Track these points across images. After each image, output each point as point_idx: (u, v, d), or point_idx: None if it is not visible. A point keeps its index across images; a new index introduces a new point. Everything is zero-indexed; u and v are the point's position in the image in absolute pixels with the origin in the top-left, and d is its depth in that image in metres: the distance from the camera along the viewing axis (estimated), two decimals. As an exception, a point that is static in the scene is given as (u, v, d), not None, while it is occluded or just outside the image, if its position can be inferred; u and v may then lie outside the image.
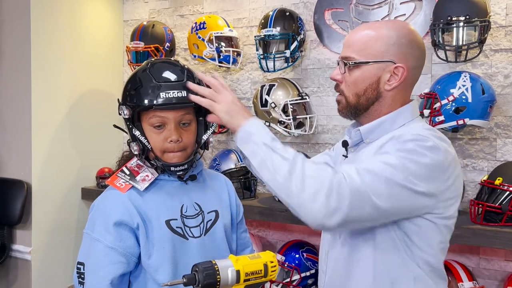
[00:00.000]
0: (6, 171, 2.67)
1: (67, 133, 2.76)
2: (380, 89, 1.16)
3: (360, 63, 1.16)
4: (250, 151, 1.09)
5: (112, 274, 1.14)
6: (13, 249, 2.63)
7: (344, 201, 1.00)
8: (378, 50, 1.15)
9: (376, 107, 1.18)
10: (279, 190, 1.05)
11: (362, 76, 1.16)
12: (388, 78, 1.15)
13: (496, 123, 2.11)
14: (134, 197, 1.19)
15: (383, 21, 1.25)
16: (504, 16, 2.09)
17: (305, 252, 2.32)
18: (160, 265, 1.17)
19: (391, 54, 1.14)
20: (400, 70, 1.14)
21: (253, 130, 1.10)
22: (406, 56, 1.15)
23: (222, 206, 1.33)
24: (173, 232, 1.20)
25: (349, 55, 1.17)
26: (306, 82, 2.52)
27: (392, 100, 1.18)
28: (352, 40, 1.19)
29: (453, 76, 2.00)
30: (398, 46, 1.14)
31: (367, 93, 1.17)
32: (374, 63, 1.15)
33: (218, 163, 2.43)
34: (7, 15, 2.62)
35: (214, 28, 2.49)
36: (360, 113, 1.20)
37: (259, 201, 2.35)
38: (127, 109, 1.18)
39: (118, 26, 3.09)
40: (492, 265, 2.14)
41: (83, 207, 2.85)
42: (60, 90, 2.71)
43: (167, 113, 1.16)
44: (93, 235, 1.18)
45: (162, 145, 1.18)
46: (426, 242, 1.11)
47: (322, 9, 2.47)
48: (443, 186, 1.08)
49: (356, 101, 1.18)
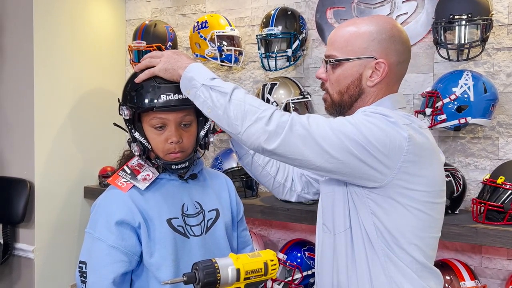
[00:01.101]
0: (9, 170, 2.68)
1: (69, 132, 2.76)
2: (363, 85, 1.17)
3: (341, 60, 1.16)
4: (192, 96, 1.12)
5: (114, 273, 1.14)
6: (16, 247, 2.64)
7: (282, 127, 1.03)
8: (359, 46, 1.15)
9: (359, 104, 1.19)
10: (222, 123, 1.08)
11: (344, 74, 1.17)
12: (370, 74, 1.16)
13: (498, 122, 2.10)
14: (136, 196, 1.20)
15: (365, 17, 1.23)
16: (507, 14, 2.08)
17: (307, 251, 2.32)
18: (162, 263, 1.18)
19: (372, 50, 1.15)
20: (381, 65, 1.14)
21: (191, 74, 1.11)
22: (388, 52, 1.15)
23: (222, 204, 1.34)
24: (174, 231, 1.21)
25: (331, 53, 1.18)
26: (308, 81, 2.52)
27: (375, 96, 1.18)
28: (334, 38, 1.20)
29: (455, 74, 1.99)
30: (378, 41, 1.15)
31: (349, 90, 1.18)
32: (356, 59, 1.15)
33: (220, 162, 2.43)
34: (9, 15, 2.63)
35: (216, 27, 2.50)
36: (344, 111, 1.21)
37: (261, 200, 2.36)
38: (127, 109, 1.19)
39: (120, 25, 3.09)
40: (494, 264, 2.14)
41: (85, 206, 2.86)
42: (63, 90, 2.72)
43: (167, 115, 1.18)
44: (95, 234, 1.18)
45: (163, 146, 1.19)
46: (396, 226, 1.10)
47: (324, 8, 2.47)
48: (401, 156, 1.06)
49: (339, 99, 1.20)
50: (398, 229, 1.11)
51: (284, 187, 1.46)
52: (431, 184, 1.12)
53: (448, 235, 1.84)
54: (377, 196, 1.10)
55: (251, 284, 0.95)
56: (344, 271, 1.18)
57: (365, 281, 1.14)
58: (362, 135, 1.04)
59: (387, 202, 1.10)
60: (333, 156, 1.04)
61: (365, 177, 1.08)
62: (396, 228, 1.10)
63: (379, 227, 1.11)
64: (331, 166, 1.06)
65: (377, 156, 1.05)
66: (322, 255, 1.26)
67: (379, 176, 1.07)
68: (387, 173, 1.07)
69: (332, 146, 1.03)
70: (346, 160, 1.04)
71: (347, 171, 1.07)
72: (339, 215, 1.19)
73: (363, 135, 1.04)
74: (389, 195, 1.09)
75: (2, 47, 2.66)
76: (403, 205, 1.10)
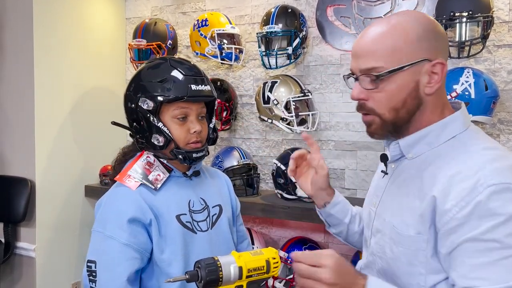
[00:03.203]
0: (10, 169, 2.68)
1: (70, 131, 2.77)
2: (421, 95, 0.98)
3: (394, 71, 0.95)
4: None
5: (128, 270, 1.15)
6: (17, 246, 2.64)
7: None
8: (408, 50, 0.96)
9: (417, 117, 0.99)
10: None
11: (397, 87, 0.96)
12: (428, 80, 0.97)
13: (500, 119, 2.10)
14: (145, 193, 1.21)
15: (394, 15, 1.02)
16: (508, 11, 2.08)
17: (308, 248, 2.33)
18: (174, 259, 1.20)
19: (423, 51, 0.96)
20: (438, 67, 0.96)
21: None
22: (438, 49, 0.98)
23: (224, 200, 1.38)
24: (183, 227, 1.23)
25: (374, 65, 0.97)
26: (308, 79, 2.52)
27: (433, 105, 0.99)
28: (369, 46, 0.98)
29: (456, 72, 1.99)
30: (427, 40, 0.96)
31: (407, 104, 0.98)
32: (409, 66, 0.95)
33: (220, 160, 2.43)
34: (9, 13, 2.63)
35: (216, 25, 2.49)
36: (401, 130, 1.01)
37: (261, 198, 2.36)
38: (151, 100, 1.19)
39: (120, 23, 3.09)
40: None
41: (86, 204, 2.86)
42: (63, 88, 2.72)
43: (191, 105, 1.21)
44: (106, 232, 1.17)
45: (185, 136, 1.22)
46: None
47: (324, 5, 2.46)
48: None
49: (394, 117, 0.99)
50: None
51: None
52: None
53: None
54: None
55: (253, 282, 0.94)
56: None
57: None
58: None
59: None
60: None
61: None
62: None
63: None
64: None
65: None
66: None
67: None
68: None
69: None
70: None
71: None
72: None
73: None
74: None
75: (2, 45, 2.66)
76: None
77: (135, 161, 1.25)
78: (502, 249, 0.83)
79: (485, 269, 0.83)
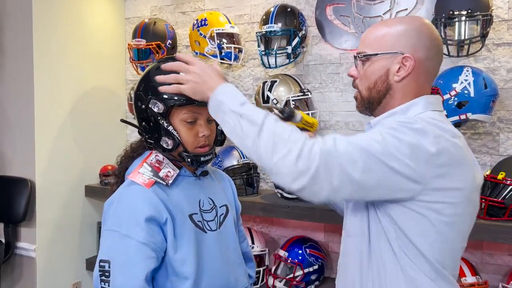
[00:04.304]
0: (10, 169, 2.68)
1: (70, 131, 2.77)
2: (390, 80, 1.17)
3: (370, 55, 1.18)
4: (220, 120, 1.11)
5: (146, 270, 1.13)
6: (17, 246, 2.64)
7: (312, 163, 0.99)
8: (387, 42, 1.17)
9: (388, 100, 1.19)
10: (250, 154, 1.07)
11: (372, 69, 1.19)
12: (397, 69, 1.16)
13: (499, 118, 2.10)
14: (159, 192, 1.21)
15: (397, 18, 1.27)
16: (507, 10, 2.08)
17: (308, 248, 2.33)
18: (187, 257, 1.19)
19: (399, 46, 1.15)
20: (408, 60, 1.14)
21: (221, 98, 1.11)
22: (416, 47, 1.15)
23: (229, 200, 1.40)
24: (196, 226, 1.23)
25: (361, 50, 1.21)
26: (308, 78, 2.52)
27: (403, 92, 1.17)
28: (365, 37, 1.23)
29: (455, 70, 1.99)
30: (406, 37, 1.15)
31: (377, 85, 1.18)
32: (383, 54, 1.16)
33: (220, 160, 2.43)
34: (9, 14, 2.63)
35: (216, 25, 2.49)
36: (374, 107, 1.21)
37: (262, 198, 2.36)
38: (162, 103, 1.19)
39: (120, 23, 3.09)
40: (495, 260, 2.14)
41: (86, 204, 2.86)
42: (63, 88, 2.72)
43: (200, 110, 1.20)
44: (122, 231, 1.14)
45: (194, 139, 1.22)
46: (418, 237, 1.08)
47: (323, 4, 2.46)
48: (429, 172, 1.03)
49: (368, 95, 1.20)
50: (420, 241, 1.08)
51: None
52: (460, 196, 1.09)
53: (449, 231, 1.84)
54: (400, 208, 1.08)
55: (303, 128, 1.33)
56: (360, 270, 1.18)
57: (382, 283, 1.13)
58: (392, 155, 1.01)
59: (410, 214, 1.07)
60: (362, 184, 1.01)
61: (391, 196, 1.06)
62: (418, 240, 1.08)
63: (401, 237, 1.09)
64: (359, 194, 1.04)
65: (406, 174, 1.02)
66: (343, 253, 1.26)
67: (407, 193, 1.05)
68: (415, 188, 1.04)
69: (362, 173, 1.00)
70: (374, 184, 1.02)
71: (374, 195, 1.05)
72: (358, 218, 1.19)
73: (392, 154, 1.01)
74: (413, 209, 1.07)
75: (2, 46, 2.66)
76: (428, 218, 1.07)
77: (144, 160, 1.25)
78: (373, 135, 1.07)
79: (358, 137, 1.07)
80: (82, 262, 2.82)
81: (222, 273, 1.27)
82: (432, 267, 1.10)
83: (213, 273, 1.25)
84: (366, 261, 1.16)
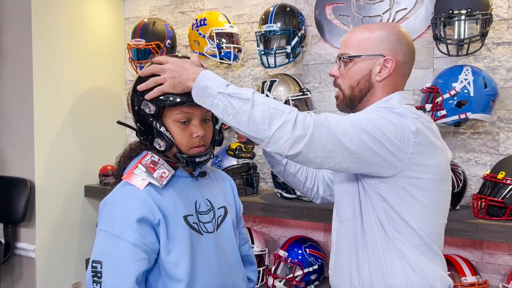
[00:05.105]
0: (9, 169, 2.68)
1: (69, 131, 2.76)
2: (372, 80, 1.28)
3: (354, 57, 1.28)
4: (209, 105, 1.12)
5: (137, 271, 1.12)
6: (17, 247, 2.64)
7: (307, 130, 1.08)
8: (370, 45, 1.28)
9: (368, 98, 1.30)
10: (247, 130, 1.10)
11: (355, 69, 1.29)
12: (379, 70, 1.27)
13: (499, 117, 2.10)
14: (153, 193, 1.19)
15: (376, 23, 1.42)
16: (506, 9, 2.07)
17: (308, 248, 2.32)
18: (180, 260, 1.18)
19: (381, 49, 1.27)
20: (389, 62, 1.26)
21: (204, 83, 1.12)
22: (395, 51, 1.27)
23: (228, 202, 1.37)
24: (190, 228, 1.22)
25: (345, 51, 1.31)
26: (307, 77, 2.52)
27: (383, 91, 1.29)
28: (347, 39, 1.33)
29: (455, 70, 1.99)
30: (387, 41, 1.27)
31: (360, 84, 1.29)
32: (366, 56, 1.27)
33: (220, 160, 2.43)
34: (8, 14, 2.62)
35: (215, 25, 2.49)
36: (355, 105, 1.31)
37: (261, 198, 2.36)
38: (153, 104, 1.18)
39: (119, 23, 3.09)
40: (495, 260, 2.14)
41: (86, 204, 2.86)
42: (62, 88, 2.72)
43: (194, 109, 1.19)
44: (114, 232, 1.14)
45: (188, 140, 1.20)
46: (405, 212, 1.20)
47: (323, 4, 2.46)
48: (410, 148, 1.16)
49: (350, 93, 1.31)
50: (407, 214, 1.20)
51: (311, 191, 1.61)
52: (437, 172, 1.22)
53: (449, 230, 1.82)
54: (387, 185, 1.19)
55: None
56: (356, 253, 1.27)
57: (377, 261, 1.23)
58: (378, 129, 1.13)
59: (396, 190, 1.19)
60: (353, 152, 1.11)
61: (379, 170, 1.17)
62: (405, 213, 1.20)
63: (390, 213, 1.20)
64: (349, 161, 1.13)
65: (391, 149, 1.14)
66: (337, 241, 1.36)
67: (392, 168, 1.16)
68: (398, 165, 1.16)
69: (352, 142, 1.11)
70: (364, 154, 1.12)
71: (362, 166, 1.15)
72: (350, 203, 1.29)
73: (379, 129, 1.13)
74: (398, 184, 1.18)
75: (1, 46, 2.66)
76: (411, 193, 1.19)
77: (139, 161, 1.24)
78: (361, 114, 1.20)
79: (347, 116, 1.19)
80: (82, 262, 2.82)
81: (218, 276, 1.25)
82: (422, 240, 1.21)
83: (209, 276, 1.23)
84: (361, 244, 1.25)
